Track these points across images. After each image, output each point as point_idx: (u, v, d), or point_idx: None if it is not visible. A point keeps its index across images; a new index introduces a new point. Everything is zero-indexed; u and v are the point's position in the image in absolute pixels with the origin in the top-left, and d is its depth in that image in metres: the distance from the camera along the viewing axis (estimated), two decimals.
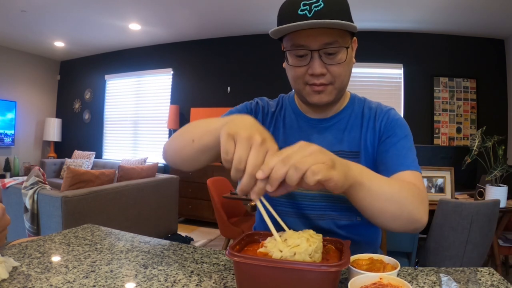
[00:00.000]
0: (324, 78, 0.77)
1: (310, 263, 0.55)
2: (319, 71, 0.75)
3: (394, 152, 0.80)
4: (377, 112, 0.88)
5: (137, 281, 0.64)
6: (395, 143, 0.82)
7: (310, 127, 0.89)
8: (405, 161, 0.78)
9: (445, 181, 2.46)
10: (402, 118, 0.88)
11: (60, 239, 0.88)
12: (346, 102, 0.91)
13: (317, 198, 0.86)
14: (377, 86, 4.27)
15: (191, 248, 0.85)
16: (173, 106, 4.92)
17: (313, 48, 0.74)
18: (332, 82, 0.78)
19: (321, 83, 0.78)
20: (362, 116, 0.89)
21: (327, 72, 0.77)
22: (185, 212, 4.43)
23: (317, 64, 0.75)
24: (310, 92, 0.80)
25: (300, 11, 0.71)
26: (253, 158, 0.52)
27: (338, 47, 0.74)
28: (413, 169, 0.76)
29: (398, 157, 0.79)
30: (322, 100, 0.80)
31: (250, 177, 0.52)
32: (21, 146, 5.77)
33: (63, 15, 4.14)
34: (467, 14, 3.53)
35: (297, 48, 0.76)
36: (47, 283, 0.62)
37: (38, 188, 2.51)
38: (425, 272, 0.70)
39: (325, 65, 0.76)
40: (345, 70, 0.78)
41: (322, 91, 0.79)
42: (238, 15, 4.06)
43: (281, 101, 0.97)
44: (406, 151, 0.80)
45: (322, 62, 0.75)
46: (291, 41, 0.76)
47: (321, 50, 0.74)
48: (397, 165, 0.77)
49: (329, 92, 0.79)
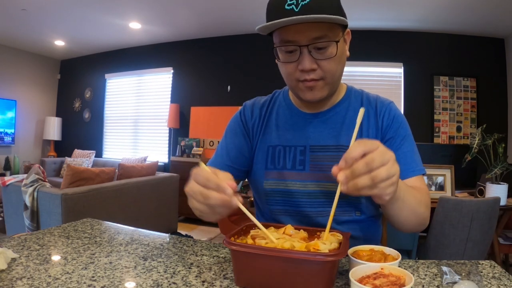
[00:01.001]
0: (315, 74, 0.76)
1: (307, 252, 0.55)
2: (309, 67, 0.74)
3: (401, 156, 0.81)
4: (378, 105, 0.87)
5: (136, 272, 0.64)
6: (400, 145, 0.83)
7: (306, 122, 0.88)
8: (412, 165, 0.81)
9: (445, 179, 2.46)
10: (401, 112, 0.89)
11: (59, 232, 0.88)
12: (342, 95, 0.90)
13: (316, 194, 0.84)
14: (377, 85, 4.27)
15: (191, 241, 0.85)
16: (173, 105, 4.92)
17: (302, 44, 0.72)
18: (323, 77, 0.76)
19: (312, 79, 0.76)
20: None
21: (318, 67, 0.75)
22: (185, 211, 4.41)
23: (306, 60, 0.73)
24: (302, 89, 0.79)
25: (287, 5, 0.69)
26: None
27: (327, 42, 0.73)
28: (420, 173, 0.82)
29: (406, 163, 0.81)
30: (315, 96, 0.79)
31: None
32: (21, 145, 5.77)
33: (63, 14, 4.14)
34: (467, 13, 3.52)
35: (285, 44, 0.74)
36: (46, 274, 0.61)
37: (38, 186, 2.51)
38: (426, 264, 0.70)
39: (315, 60, 0.74)
40: (336, 64, 0.76)
41: (313, 87, 0.77)
42: (239, 14, 4.06)
43: (274, 97, 0.96)
44: (411, 154, 0.83)
45: (311, 58, 0.74)
46: (280, 36, 0.74)
47: (310, 45, 0.72)
48: (406, 171, 0.80)
49: (321, 87, 0.78)
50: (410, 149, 0.84)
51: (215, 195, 0.55)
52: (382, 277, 0.52)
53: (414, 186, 0.80)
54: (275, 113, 0.92)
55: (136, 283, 0.59)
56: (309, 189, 0.84)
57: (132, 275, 0.62)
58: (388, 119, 0.85)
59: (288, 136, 0.88)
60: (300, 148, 0.86)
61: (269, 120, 0.92)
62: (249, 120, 0.93)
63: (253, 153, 0.92)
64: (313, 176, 0.84)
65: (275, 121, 0.91)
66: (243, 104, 0.97)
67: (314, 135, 0.86)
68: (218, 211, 0.58)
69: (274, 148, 0.88)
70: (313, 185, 0.84)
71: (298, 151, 0.86)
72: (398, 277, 0.52)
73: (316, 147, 0.85)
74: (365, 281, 0.51)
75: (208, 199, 0.55)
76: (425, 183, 0.83)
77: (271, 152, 0.88)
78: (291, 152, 0.86)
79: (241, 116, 0.94)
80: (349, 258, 0.59)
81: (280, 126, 0.90)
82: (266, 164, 0.88)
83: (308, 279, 0.54)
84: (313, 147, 0.85)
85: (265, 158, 0.89)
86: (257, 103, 0.95)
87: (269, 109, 0.93)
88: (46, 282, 0.58)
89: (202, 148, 4.75)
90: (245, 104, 0.97)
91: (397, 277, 0.52)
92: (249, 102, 0.97)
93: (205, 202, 0.56)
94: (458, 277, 0.60)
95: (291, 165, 0.85)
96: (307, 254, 0.53)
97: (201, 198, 0.56)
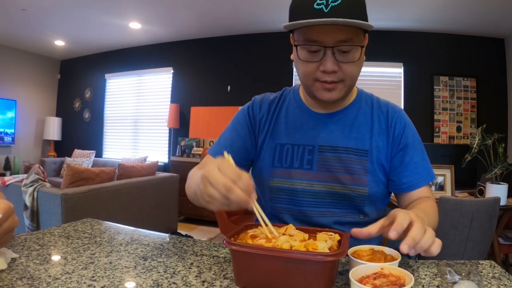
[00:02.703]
0: (335, 76, 0.76)
1: (307, 252, 0.55)
2: (331, 69, 0.74)
3: (413, 166, 0.84)
4: (389, 112, 0.88)
5: (136, 272, 0.64)
6: (413, 154, 0.85)
7: (315, 122, 0.88)
8: (423, 174, 0.85)
9: (445, 179, 2.46)
10: (409, 119, 0.90)
11: (59, 232, 0.88)
12: (353, 98, 0.90)
13: (321, 194, 0.84)
14: (377, 85, 4.27)
15: (191, 241, 0.85)
16: (173, 105, 4.92)
17: (327, 45, 0.72)
18: (343, 79, 0.77)
19: (332, 81, 0.76)
20: (372, 115, 0.88)
21: (339, 70, 0.75)
22: (185, 211, 4.42)
23: (330, 61, 0.73)
24: (319, 89, 0.79)
25: (317, 5, 0.69)
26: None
27: (352, 46, 0.73)
28: (431, 181, 0.86)
29: (417, 172, 0.84)
30: (332, 97, 0.79)
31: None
32: (21, 145, 5.77)
33: (63, 14, 4.14)
34: (467, 13, 3.52)
35: (310, 43, 0.73)
36: (46, 274, 0.61)
37: (38, 186, 2.51)
38: (426, 264, 0.70)
39: (337, 63, 0.74)
40: (357, 68, 0.78)
41: (333, 89, 0.78)
42: (239, 14, 4.06)
43: (284, 95, 0.95)
44: (422, 162, 0.86)
45: (335, 60, 0.74)
46: (304, 35, 0.74)
47: (335, 47, 0.72)
48: (417, 181, 0.84)
49: (339, 89, 0.78)
50: (422, 157, 0.86)
51: (240, 193, 0.55)
52: (382, 277, 0.52)
53: (423, 196, 0.84)
54: (284, 110, 0.92)
55: (136, 283, 0.59)
56: (315, 188, 0.84)
57: (132, 275, 0.62)
58: (400, 127, 0.86)
59: (297, 135, 0.88)
60: (308, 147, 0.86)
61: (278, 117, 0.91)
62: (257, 114, 0.93)
63: (257, 149, 0.91)
64: (320, 176, 0.84)
65: (285, 119, 0.91)
66: (252, 98, 0.97)
67: (323, 135, 0.86)
68: (233, 207, 0.58)
69: (283, 147, 0.88)
70: (320, 185, 0.84)
71: (307, 150, 0.86)
72: (398, 277, 0.52)
73: (325, 147, 0.85)
74: (365, 281, 0.51)
75: (231, 193, 0.55)
76: (431, 190, 0.88)
77: (278, 150, 0.88)
78: (299, 151, 0.86)
79: (249, 110, 0.94)
80: (349, 258, 0.59)
81: (290, 124, 0.90)
82: (273, 162, 0.88)
83: (308, 279, 0.54)
84: (322, 147, 0.85)
85: (272, 155, 0.88)
86: (266, 99, 0.95)
87: (278, 106, 0.93)
88: (46, 282, 0.58)
89: (202, 148, 4.75)
90: (254, 98, 0.97)
91: (397, 277, 0.52)
92: (259, 97, 0.96)
93: (226, 194, 0.55)
94: (458, 277, 0.60)
95: (298, 164, 0.85)
96: (308, 254, 0.53)
97: (223, 190, 0.55)
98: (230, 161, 0.59)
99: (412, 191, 0.85)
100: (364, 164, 0.83)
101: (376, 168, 0.84)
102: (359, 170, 0.83)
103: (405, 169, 0.85)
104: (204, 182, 0.57)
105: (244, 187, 0.56)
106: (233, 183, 0.55)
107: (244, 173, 0.57)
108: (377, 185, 0.84)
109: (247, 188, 0.56)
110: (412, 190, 0.85)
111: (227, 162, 0.58)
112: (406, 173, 0.84)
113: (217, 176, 0.56)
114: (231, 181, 0.55)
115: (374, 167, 0.84)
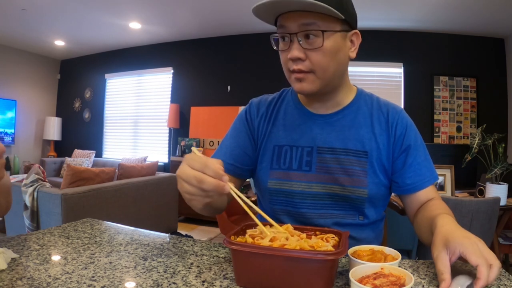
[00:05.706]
0: (303, 65, 0.74)
1: (307, 251, 0.55)
2: (295, 55, 0.73)
3: (416, 167, 0.83)
4: (390, 113, 0.86)
5: (136, 272, 0.64)
6: (416, 155, 0.84)
7: (313, 123, 0.87)
8: (427, 175, 0.84)
9: (445, 179, 2.46)
10: (411, 120, 0.89)
11: (59, 232, 0.88)
12: (352, 98, 0.88)
13: (320, 196, 0.83)
14: (377, 85, 4.27)
15: (191, 241, 0.85)
16: (173, 105, 4.92)
17: (292, 31, 0.72)
18: (312, 70, 0.75)
19: (300, 70, 0.75)
20: (371, 115, 0.86)
21: (306, 58, 0.74)
22: (185, 211, 4.41)
23: (294, 47, 0.73)
24: (293, 80, 0.78)
25: None
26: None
27: (316, 30, 0.71)
28: (434, 181, 0.85)
29: (420, 173, 0.83)
30: (303, 88, 0.77)
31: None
32: (21, 145, 5.77)
33: (63, 14, 4.14)
34: (467, 13, 3.52)
35: (279, 30, 0.74)
36: (46, 274, 0.61)
37: (38, 186, 2.51)
38: (426, 264, 0.70)
39: (304, 50, 0.73)
40: (327, 58, 0.74)
41: (302, 79, 0.76)
42: (239, 14, 4.06)
43: (283, 95, 0.94)
44: (426, 162, 0.84)
45: (300, 46, 0.73)
46: (277, 23, 0.74)
47: (300, 33, 0.72)
48: (422, 182, 0.83)
49: (311, 81, 0.76)
50: (425, 158, 0.85)
51: (210, 180, 0.56)
52: (382, 277, 0.52)
53: (431, 198, 0.83)
54: (282, 111, 0.91)
55: (136, 283, 0.59)
56: (314, 190, 0.83)
57: (132, 275, 0.62)
58: (401, 128, 0.85)
59: (295, 136, 0.87)
60: (307, 148, 0.85)
61: (276, 119, 0.90)
62: (254, 118, 0.92)
63: (258, 152, 0.90)
64: (319, 177, 0.83)
65: (283, 121, 0.89)
66: (250, 102, 0.96)
67: (321, 136, 0.85)
68: (210, 195, 0.59)
69: (281, 148, 0.87)
70: (319, 186, 0.83)
71: (305, 151, 0.85)
72: (398, 277, 0.52)
73: (323, 149, 0.84)
74: (365, 281, 0.50)
75: (202, 183, 0.56)
76: (436, 189, 0.86)
77: (277, 151, 0.87)
78: (297, 152, 0.85)
79: (246, 115, 0.93)
80: (349, 258, 0.59)
81: (288, 125, 0.88)
82: (271, 164, 0.87)
83: (308, 278, 0.54)
84: (320, 148, 0.84)
85: (270, 157, 0.87)
86: (264, 100, 0.94)
87: (276, 107, 0.92)
88: (46, 282, 0.58)
89: (202, 148, 4.75)
90: (251, 101, 0.95)
91: (397, 277, 0.52)
92: (256, 99, 0.95)
93: (199, 185, 0.57)
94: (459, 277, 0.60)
95: (297, 166, 0.84)
96: (308, 253, 0.53)
97: (195, 182, 0.56)
98: (197, 153, 0.60)
99: (416, 192, 0.84)
100: (363, 165, 0.82)
101: (377, 169, 0.83)
102: (359, 171, 0.82)
103: (408, 170, 0.83)
104: (179, 181, 0.59)
105: (213, 173, 0.57)
106: (202, 172, 0.56)
107: (210, 160, 0.58)
108: (377, 186, 0.83)
109: (217, 173, 0.57)
110: (416, 191, 0.84)
111: (194, 156, 0.59)
112: (409, 174, 0.83)
113: (187, 171, 0.57)
114: (199, 172, 0.56)
115: (374, 168, 0.83)
